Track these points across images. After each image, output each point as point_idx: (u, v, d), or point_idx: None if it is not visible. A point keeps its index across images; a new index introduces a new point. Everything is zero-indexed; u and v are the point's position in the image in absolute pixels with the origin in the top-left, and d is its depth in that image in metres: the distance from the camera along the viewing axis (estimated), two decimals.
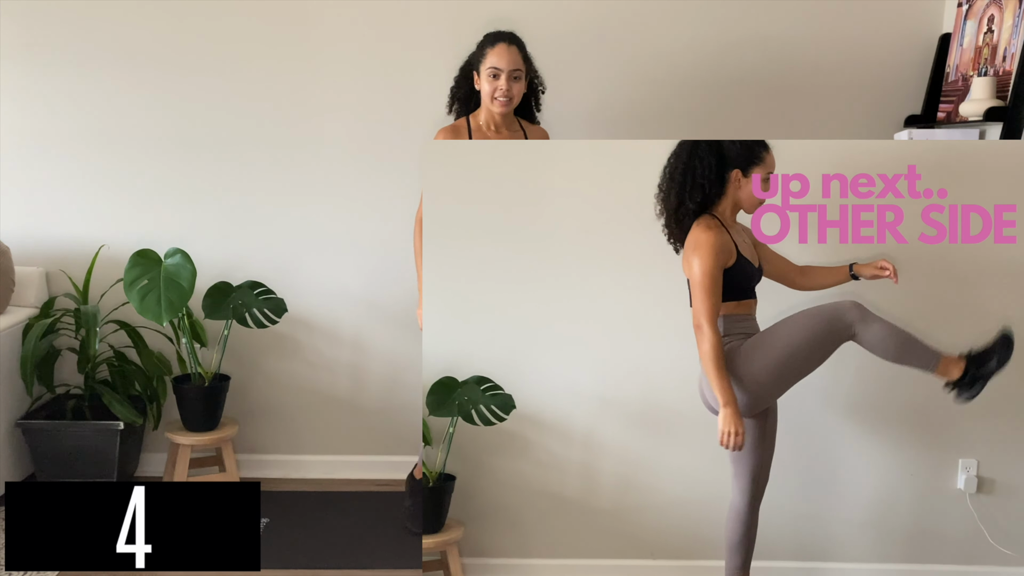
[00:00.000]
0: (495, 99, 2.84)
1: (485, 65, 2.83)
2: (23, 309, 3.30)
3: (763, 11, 3.44)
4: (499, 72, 2.82)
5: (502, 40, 2.84)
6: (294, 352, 3.53)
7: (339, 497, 3.38)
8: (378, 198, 3.45)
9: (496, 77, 2.82)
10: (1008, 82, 2.95)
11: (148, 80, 3.37)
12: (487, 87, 2.83)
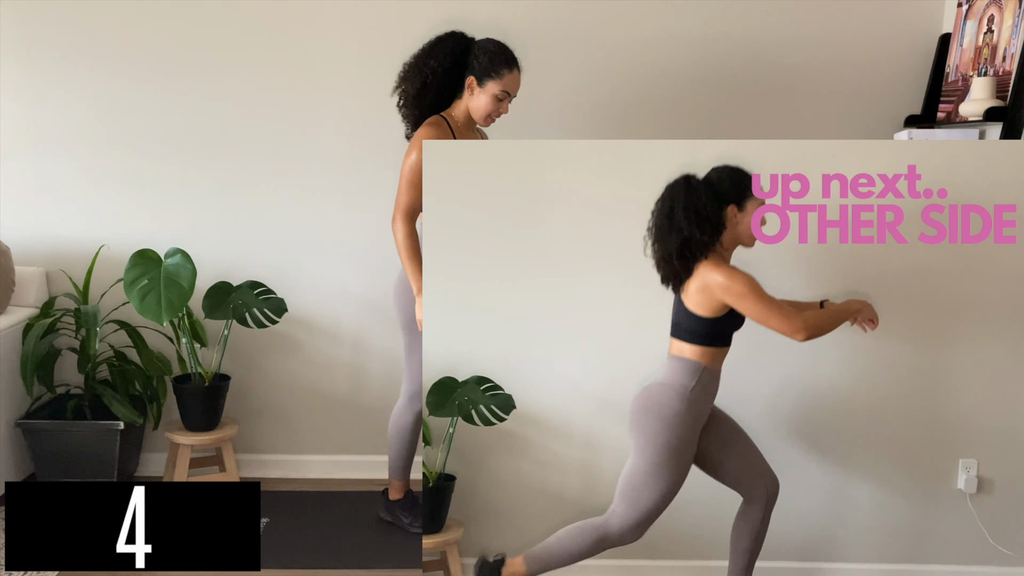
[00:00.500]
0: (490, 117, 2.88)
1: (497, 86, 2.82)
2: (23, 309, 3.30)
3: (763, 11, 3.44)
4: (507, 97, 2.86)
5: (516, 66, 2.86)
6: (294, 352, 3.53)
7: (339, 497, 3.38)
8: (378, 198, 3.44)
9: (501, 100, 2.85)
10: (1008, 82, 2.95)
11: (148, 80, 3.37)
12: (488, 105, 2.84)
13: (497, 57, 2.83)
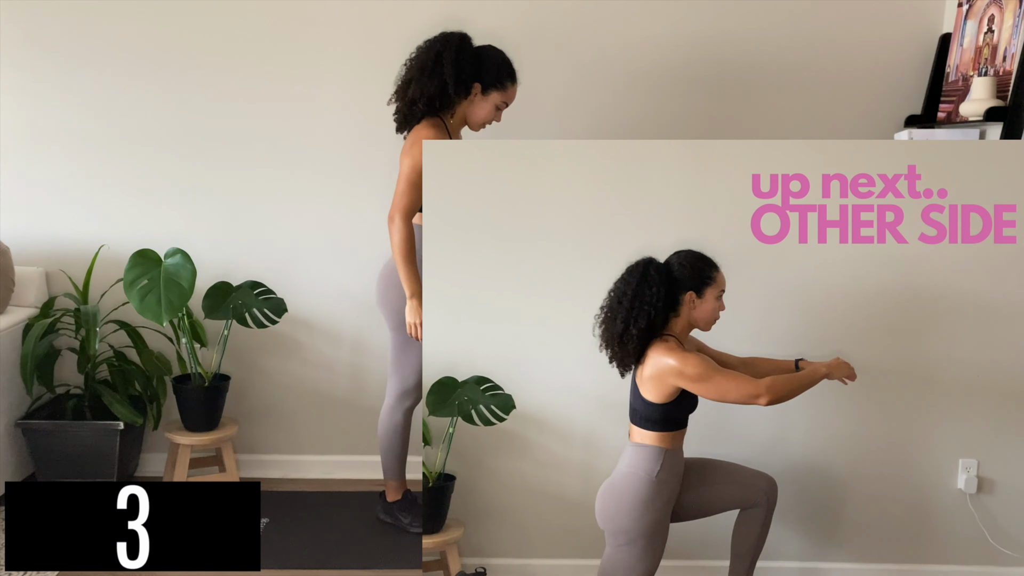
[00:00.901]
0: (485, 125, 2.97)
1: (500, 96, 2.91)
2: (23, 309, 3.30)
3: (763, 11, 3.44)
4: (504, 107, 2.96)
5: (516, 79, 2.95)
6: (294, 352, 3.53)
7: (339, 497, 3.38)
8: (379, 198, 3.45)
9: (499, 109, 2.94)
10: (1008, 82, 2.95)
11: (148, 80, 3.37)
12: (489, 113, 2.93)
13: (504, 69, 2.90)
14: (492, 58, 2.89)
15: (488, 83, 2.88)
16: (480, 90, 2.88)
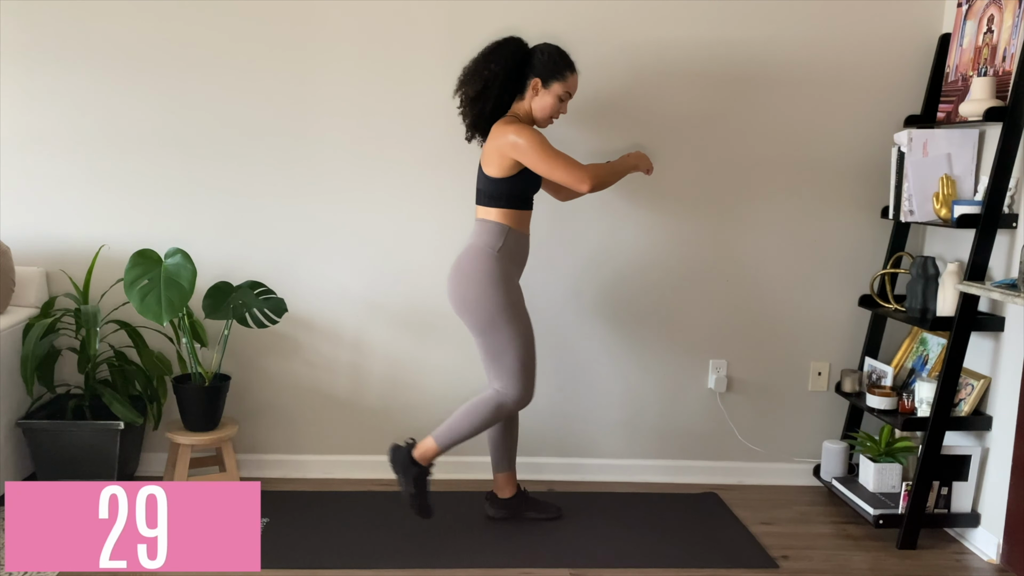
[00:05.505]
0: (552, 118, 2.98)
1: (562, 87, 2.93)
2: (23, 309, 3.30)
3: (764, 12, 3.44)
4: (568, 97, 2.97)
5: (575, 68, 2.98)
6: (294, 352, 3.53)
7: (339, 497, 3.38)
8: (378, 198, 3.45)
9: (563, 100, 2.96)
10: (1008, 82, 2.95)
11: (148, 80, 3.37)
12: (553, 105, 2.94)
13: (561, 59, 2.94)
14: (547, 51, 2.94)
15: (547, 76, 2.92)
16: (540, 84, 2.92)
